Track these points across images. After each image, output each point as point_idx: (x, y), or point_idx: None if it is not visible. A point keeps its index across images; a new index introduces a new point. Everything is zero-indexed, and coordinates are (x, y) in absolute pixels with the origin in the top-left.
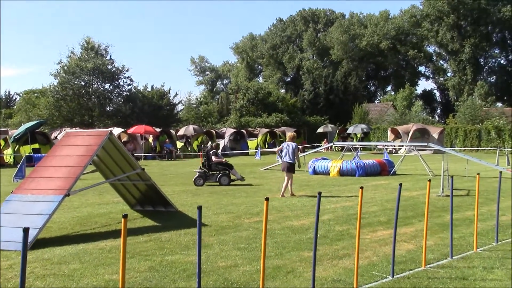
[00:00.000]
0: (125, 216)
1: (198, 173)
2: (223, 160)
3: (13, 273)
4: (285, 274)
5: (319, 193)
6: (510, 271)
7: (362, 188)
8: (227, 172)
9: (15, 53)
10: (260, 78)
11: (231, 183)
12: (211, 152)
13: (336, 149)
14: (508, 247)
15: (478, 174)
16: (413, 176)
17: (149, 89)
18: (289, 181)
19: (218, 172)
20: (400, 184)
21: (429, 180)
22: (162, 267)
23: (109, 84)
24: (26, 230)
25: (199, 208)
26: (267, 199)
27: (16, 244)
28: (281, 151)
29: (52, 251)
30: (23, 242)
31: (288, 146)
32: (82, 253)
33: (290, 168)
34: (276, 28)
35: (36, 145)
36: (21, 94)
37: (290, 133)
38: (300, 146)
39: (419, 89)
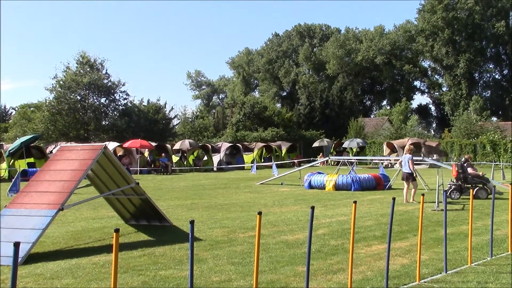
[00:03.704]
0: (117, 231)
1: (453, 186)
2: (481, 173)
3: None
4: None
5: (312, 207)
6: (504, 286)
7: (355, 202)
8: (484, 186)
9: (10, 68)
10: (256, 92)
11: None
12: (465, 164)
13: (332, 163)
14: (503, 262)
15: (472, 188)
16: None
17: (145, 103)
18: (408, 188)
19: (474, 186)
20: (394, 198)
21: (423, 195)
22: (155, 282)
23: (105, 98)
24: (16, 245)
25: (192, 222)
26: (260, 213)
27: (8, 258)
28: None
29: (45, 266)
30: (13, 256)
31: (404, 157)
32: (75, 268)
33: (408, 177)
34: (272, 43)
35: (31, 160)
36: (16, 108)
37: (407, 146)
38: (296, 160)
39: (414, 104)
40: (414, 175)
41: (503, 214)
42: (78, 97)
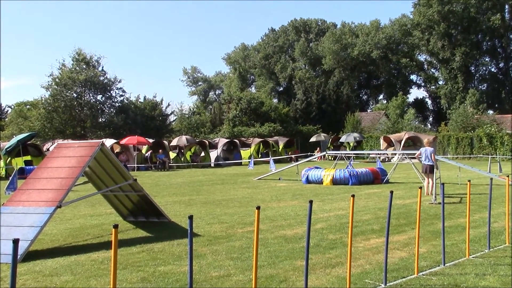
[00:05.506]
0: (115, 227)
1: None
2: None
3: (4, 286)
4: (278, 283)
5: (310, 202)
6: (502, 277)
7: (353, 196)
8: None
9: (6, 65)
10: (253, 88)
11: None
12: None
13: (329, 158)
14: (500, 254)
15: (469, 181)
16: (406, 184)
17: (141, 100)
18: (428, 180)
19: None
20: (391, 192)
21: (420, 188)
22: (154, 278)
23: (101, 95)
24: (16, 242)
25: (190, 218)
26: (258, 208)
27: (7, 256)
28: (420, 155)
29: (44, 263)
30: (12, 253)
31: (426, 150)
32: (74, 265)
33: (431, 170)
34: (268, 38)
35: (28, 157)
36: (12, 107)
37: (426, 139)
38: (293, 155)
39: (411, 98)
40: (436, 168)
41: (500, 206)
42: (74, 95)
